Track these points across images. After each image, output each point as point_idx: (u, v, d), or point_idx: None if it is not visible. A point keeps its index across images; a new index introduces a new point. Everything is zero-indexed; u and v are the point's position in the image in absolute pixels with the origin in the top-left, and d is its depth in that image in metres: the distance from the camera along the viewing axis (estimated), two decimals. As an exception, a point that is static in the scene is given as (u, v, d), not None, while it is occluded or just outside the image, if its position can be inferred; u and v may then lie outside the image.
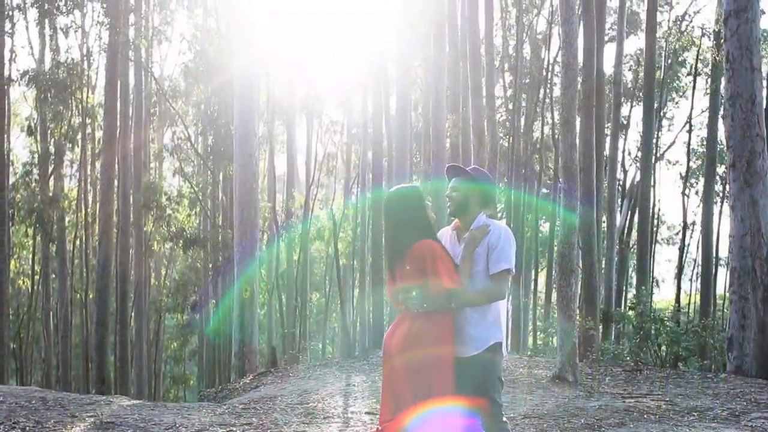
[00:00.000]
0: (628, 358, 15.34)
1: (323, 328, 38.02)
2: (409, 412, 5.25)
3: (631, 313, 17.64)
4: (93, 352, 25.24)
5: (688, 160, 31.66)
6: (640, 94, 28.29)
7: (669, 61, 31.78)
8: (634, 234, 29.94)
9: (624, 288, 30.39)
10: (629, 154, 33.90)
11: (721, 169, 29.04)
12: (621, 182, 32.05)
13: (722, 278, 30.84)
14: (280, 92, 33.26)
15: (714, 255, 28.52)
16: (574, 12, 11.96)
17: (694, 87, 31.09)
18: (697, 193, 33.77)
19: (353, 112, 35.24)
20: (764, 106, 12.78)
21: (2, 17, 26.86)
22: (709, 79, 28.47)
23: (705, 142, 29.57)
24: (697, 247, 30.81)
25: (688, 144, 31.49)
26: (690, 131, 31.63)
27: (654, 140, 28.00)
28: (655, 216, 32.64)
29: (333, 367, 15.13)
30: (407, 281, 5.30)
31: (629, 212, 31.14)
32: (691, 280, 36.58)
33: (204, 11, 30.64)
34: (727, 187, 14.16)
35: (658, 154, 32.09)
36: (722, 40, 12.91)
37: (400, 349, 5.32)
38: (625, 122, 31.98)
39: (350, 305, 33.67)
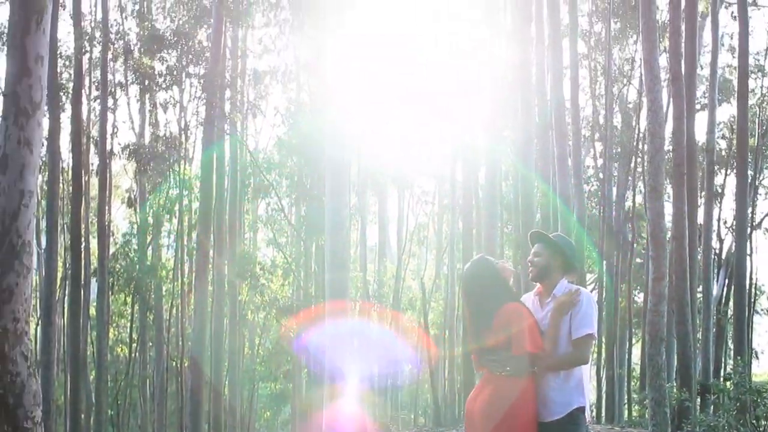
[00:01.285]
0: (726, 430, 14.92)
1: (415, 398, 37.88)
2: None
3: (727, 384, 17.19)
4: (187, 420, 25.57)
5: (784, 229, 30.97)
6: (734, 162, 27.88)
7: (764, 128, 31.29)
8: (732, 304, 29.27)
9: (723, 359, 29.63)
10: (725, 222, 33.24)
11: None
12: (717, 251, 31.41)
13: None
14: (371, 163, 33.72)
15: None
16: (659, 81, 12.03)
17: (787, 154, 30.56)
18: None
19: (444, 182, 35.44)
20: None
21: (105, 94, 28.03)
22: (805, 146, 27.95)
23: (803, 210, 28.92)
24: (800, 318, 29.94)
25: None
26: (786, 199, 31.00)
27: (749, 209, 27.46)
28: (754, 286, 31.82)
29: (422, 435, 15.13)
30: (491, 344, 5.40)
31: (726, 281, 30.45)
32: (795, 352, 35.46)
33: (297, 85, 31.38)
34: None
35: (754, 223, 31.41)
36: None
37: (482, 414, 5.39)
38: (719, 190, 31.45)
39: (441, 375, 33.50)
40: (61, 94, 26.13)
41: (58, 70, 25.70)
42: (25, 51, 5.70)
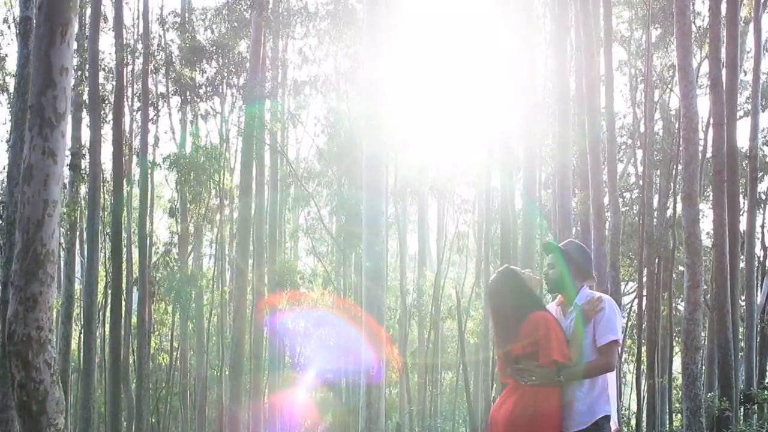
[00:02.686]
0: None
1: (454, 407, 37.78)
2: None
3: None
4: (227, 428, 25.72)
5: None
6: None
7: (808, 133, 30.88)
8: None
9: (767, 368, 29.18)
10: (769, 230, 32.78)
11: None
12: (761, 259, 30.97)
13: None
14: (410, 173, 33.69)
15: None
16: (694, 87, 11.91)
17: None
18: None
19: (484, 190, 35.33)
20: None
21: (146, 105, 28.31)
22: None
23: None
24: None
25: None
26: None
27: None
28: (799, 294, 31.29)
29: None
30: (517, 353, 5.37)
31: (770, 290, 30.00)
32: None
33: (337, 95, 31.44)
34: None
35: (799, 230, 30.98)
36: None
37: (506, 423, 5.36)
38: (763, 197, 31.01)
39: (479, 384, 33.38)
40: (103, 105, 26.40)
41: (100, 82, 25.98)
42: (50, 63, 5.77)
